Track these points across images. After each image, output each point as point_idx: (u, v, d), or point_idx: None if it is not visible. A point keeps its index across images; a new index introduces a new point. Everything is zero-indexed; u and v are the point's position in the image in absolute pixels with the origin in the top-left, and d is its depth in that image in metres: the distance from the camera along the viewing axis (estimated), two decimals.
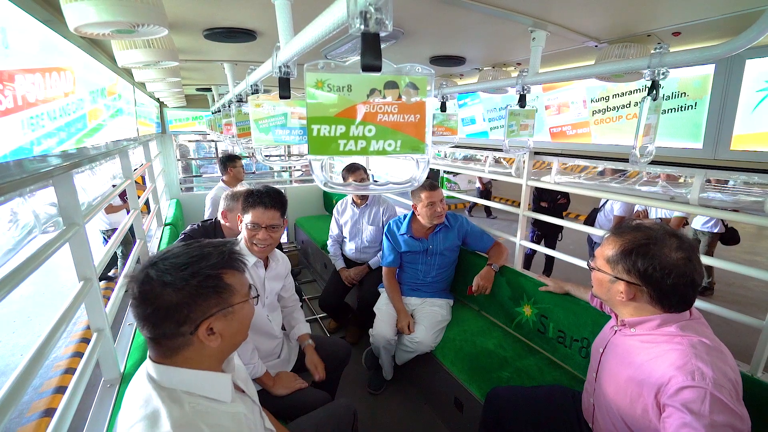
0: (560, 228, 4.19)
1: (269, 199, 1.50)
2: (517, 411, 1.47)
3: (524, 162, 2.07)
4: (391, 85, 0.50)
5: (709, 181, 1.82)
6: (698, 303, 1.51)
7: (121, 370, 1.23)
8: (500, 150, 2.14)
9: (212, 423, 0.74)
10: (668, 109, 1.33)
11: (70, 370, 3.32)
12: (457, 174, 9.55)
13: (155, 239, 2.79)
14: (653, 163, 1.46)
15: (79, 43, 1.04)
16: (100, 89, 1.38)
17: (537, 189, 4.48)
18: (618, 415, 1.10)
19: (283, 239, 4.78)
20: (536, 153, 2.04)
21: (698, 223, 4.58)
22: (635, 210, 4.11)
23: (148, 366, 0.78)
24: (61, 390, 3.07)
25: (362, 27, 0.46)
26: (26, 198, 0.88)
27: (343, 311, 2.91)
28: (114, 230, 3.47)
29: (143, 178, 3.67)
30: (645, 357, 1.03)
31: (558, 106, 1.73)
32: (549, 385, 1.63)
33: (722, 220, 4.52)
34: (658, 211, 4.25)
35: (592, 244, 4.15)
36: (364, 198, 2.80)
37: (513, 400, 1.50)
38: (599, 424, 1.21)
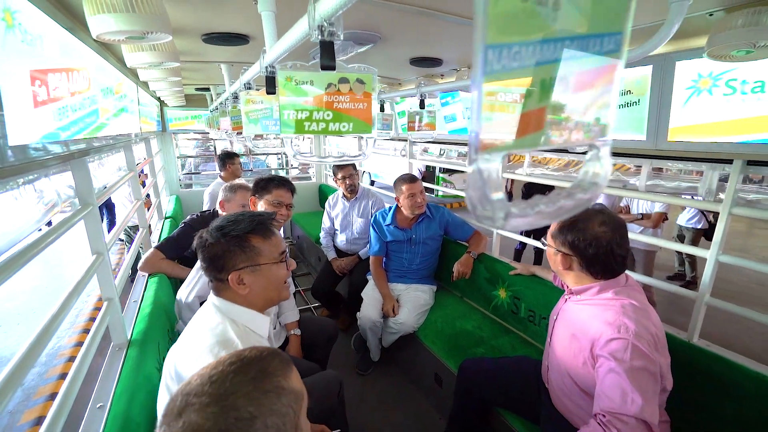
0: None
1: (289, 183, 1.80)
2: (485, 379, 1.62)
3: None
4: (344, 80, 0.66)
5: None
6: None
7: (128, 337, 1.38)
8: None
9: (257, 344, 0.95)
10: (617, 105, 1.49)
11: (72, 359, 3.46)
12: (453, 173, 9.71)
13: (156, 231, 2.93)
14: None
15: (94, 46, 1.20)
16: (109, 88, 1.54)
17: (525, 186, 4.64)
18: (565, 370, 1.25)
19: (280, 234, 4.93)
20: None
21: (683, 219, 4.73)
22: (618, 205, 4.26)
23: (212, 297, 1.03)
24: (64, 377, 3.20)
25: (319, 37, 0.62)
26: (50, 178, 1.03)
27: (334, 300, 3.06)
28: (133, 226, 3.64)
29: (143, 182, 3.83)
30: (585, 317, 1.19)
31: None
32: (515, 356, 1.79)
33: (705, 216, 4.69)
34: (639, 207, 4.41)
35: None
36: (353, 192, 2.96)
37: (482, 369, 1.66)
38: (552, 383, 1.37)
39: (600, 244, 1.15)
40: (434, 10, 1.22)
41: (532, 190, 4.45)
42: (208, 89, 3.25)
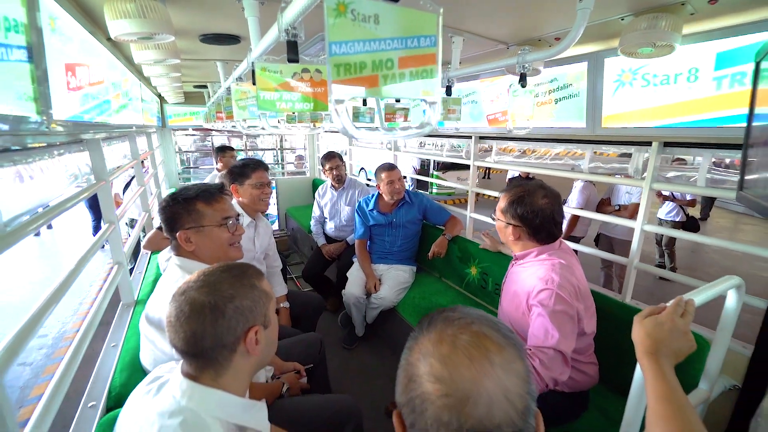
0: None
1: (262, 163, 1.97)
2: None
3: (471, 146, 2.44)
4: (306, 70, 0.87)
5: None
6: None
7: (135, 297, 1.59)
8: (450, 137, 2.52)
9: None
10: (561, 98, 1.71)
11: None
12: (447, 171, 9.93)
13: (157, 218, 3.14)
14: (552, 141, 1.83)
15: (107, 46, 1.41)
16: (118, 83, 1.75)
17: (509, 181, 4.87)
18: (509, 321, 1.47)
19: (275, 227, 5.14)
20: (481, 138, 2.42)
21: (662, 213, 4.95)
22: (600, 198, 4.47)
23: (173, 258, 1.20)
24: None
25: (285, 37, 0.84)
26: (72, 154, 1.24)
27: (324, 283, 3.27)
28: (132, 219, 3.82)
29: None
30: (524, 277, 1.41)
31: (492, 98, 2.10)
32: None
33: (683, 210, 4.91)
34: (620, 199, 4.62)
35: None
36: (340, 182, 3.18)
37: None
38: None
39: (545, 213, 1.36)
40: None
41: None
42: (205, 86, 3.45)
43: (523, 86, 1.34)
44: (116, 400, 1.01)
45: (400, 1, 0.46)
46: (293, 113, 1.91)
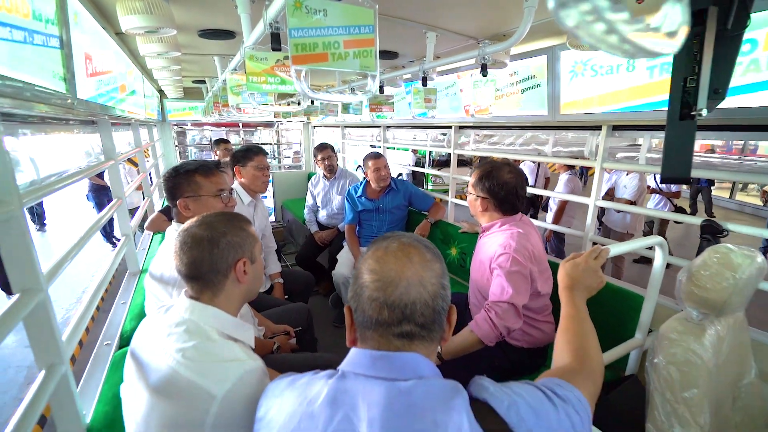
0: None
1: (262, 149, 2.14)
2: None
3: (451, 135, 2.62)
4: (287, 57, 1.04)
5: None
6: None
7: (140, 267, 1.76)
8: (433, 127, 2.70)
9: None
10: (526, 88, 1.89)
11: None
12: (443, 167, 10.12)
13: (158, 205, 3.31)
14: (519, 128, 2.00)
15: (116, 39, 1.58)
16: (123, 74, 1.92)
17: None
18: (476, 287, 1.64)
19: (272, 219, 5.31)
20: (461, 127, 2.59)
21: (651, 204, 5.14)
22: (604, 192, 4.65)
23: (174, 226, 1.35)
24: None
25: (270, 30, 1.01)
26: (84, 134, 1.41)
27: (317, 269, 3.43)
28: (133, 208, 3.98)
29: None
30: (488, 245, 1.58)
31: (468, 90, 2.28)
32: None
33: (671, 201, 5.10)
34: (617, 193, 4.81)
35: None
36: (332, 171, 3.35)
37: None
38: (471, 303, 1.76)
39: (509, 187, 1.54)
40: (389, 15, 1.60)
41: None
42: (203, 81, 3.62)
43: (484, 75, 1.51)
44: (126, 340, 1.18)
45: (342, 0, 0.64)
46: (288, 106, 2.09)
